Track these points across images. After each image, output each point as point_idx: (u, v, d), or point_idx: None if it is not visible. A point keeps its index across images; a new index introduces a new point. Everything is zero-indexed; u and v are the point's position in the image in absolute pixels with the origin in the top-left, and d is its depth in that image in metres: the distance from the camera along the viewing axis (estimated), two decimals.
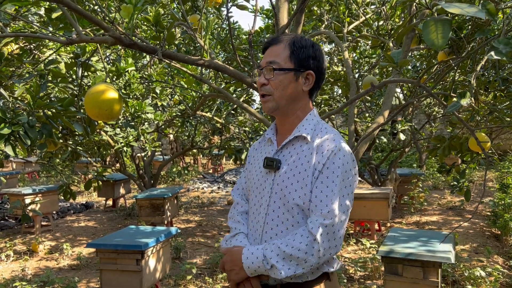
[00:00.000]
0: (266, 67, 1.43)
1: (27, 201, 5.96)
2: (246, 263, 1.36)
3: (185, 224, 6.83)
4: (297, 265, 1.32)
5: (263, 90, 1.44)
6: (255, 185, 1.52)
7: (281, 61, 1.42)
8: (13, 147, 2.24)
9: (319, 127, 1.46)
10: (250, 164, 1.62)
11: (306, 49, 1.43)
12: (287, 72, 1.42)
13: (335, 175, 1.35)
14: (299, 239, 1.32)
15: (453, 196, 8.23)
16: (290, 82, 1.42)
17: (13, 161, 12.72)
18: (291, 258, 1.31)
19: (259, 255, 1.34)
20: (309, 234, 1.31)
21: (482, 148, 1.83)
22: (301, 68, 1.43)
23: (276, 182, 1.43)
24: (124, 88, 5.14)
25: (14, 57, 3.03)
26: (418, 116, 13.79)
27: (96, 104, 2.07)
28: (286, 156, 1.45)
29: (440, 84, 4.98)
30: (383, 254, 3.02)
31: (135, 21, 2.02)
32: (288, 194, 1.39)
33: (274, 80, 1.42)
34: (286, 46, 1.44)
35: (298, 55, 1.42)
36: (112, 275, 3.42)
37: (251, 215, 1.53)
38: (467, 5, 1.38)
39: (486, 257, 4.54)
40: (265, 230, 1.43)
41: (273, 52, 1.45)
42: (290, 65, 1.42)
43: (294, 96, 1.45)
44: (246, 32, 6.60)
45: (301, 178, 1.38)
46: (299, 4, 2.63)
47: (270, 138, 1.53)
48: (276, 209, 1.42)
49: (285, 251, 1.31)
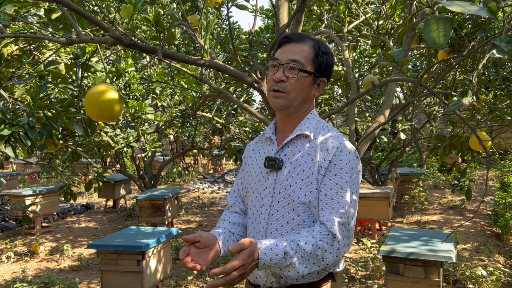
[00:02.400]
0: (289, 64, 1.38)
1: (27, 202, 5.96)
2: (263, 259, 1.22)
3: (186, 224, 6.82)
4: (314, 264, 1.27)
5: (279, 86, 1.39)
6: (255, 186, 1.49)
7: (306, 62, 1.39)
8: (14, 148, 2.23)
9: (321, 126, 1.45)
10: (247, 165, 1.58)
11: (327, 56, 1.43)
12: (308, 75, 1.40)
13: (343, 172, 1.33)
14: (319, 236, 1.27)
15: (454, 195, 8.22)
16: (308, 85, 1.41)
17: (13, 162, 12.72)
18: (310, 257, 1.26)
19: (279, 252, 1.23)
20: (329, 231, 1.28)
21: (483, 146, 1.82)
22: (318, 73, 1.41)
23: (279, 181, 1.40)
24: (124, 89, 5.13)
25: (14, 58, 3.02)
26: (418, 115, 13.79)
27: (97, 104, 2.06)
28: (288, 155, 1.43)
29: (440, 83, 4.98)
30: (384, 254, 3.01)
31: (134, 21, 2.01)
32: (292, 193, 1.37)
33: (295, 80, 1.38)
34: (311, 47, 1.41)
35: (321, 61, 1.41)
36: (113, 276, 3.41)
37: (251, 217, 1.50)
38: (468, 4, 1.37)
39: (487, 256, 4.54)
40: (270, 231, 1.41)
41: (297, 49, 1.40)
42: (311, 68, 1.40)
43: (307, 99, 1.44)
44: (246, 32, 6.59)
45: (306, 176, 1.36)
46: (299, 4, 2.63)
47: (269, 137, 1.50)
48: (280, 209, 1.39)
49: (306, 249, 1.25)
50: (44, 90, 2.55)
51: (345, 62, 4.28)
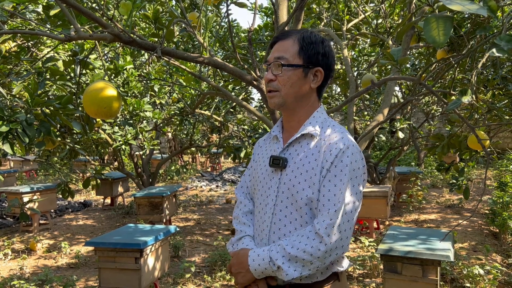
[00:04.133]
0: (274, 62, 1.39)
1: (25, 200, 5.94)
2: (252, 265, 1.34)
3: (184, 222, 6.82)
4: (303, 267, 1.29)
5: (270, 86, 1.41)
6: (260, 184, 1.48)
7: (290, 56, 1.38)
8: (11, 145, 2.22)
9: (327, 124, 1.43)
10: (255, 162, 1.58)
11: (316, 45, 1.39)
12: (295, 68, 1.38)
13: (343, 174, 1.32)
14: (305, 241, 1.29)
15: (452, 194, 8.24)
16: (299, 78, 1.39)
17: (11, 160, 12.70)
18: (296, 260, 1.28)
19: (265, 257, 1.32)
20: (316, 235, 1.28)
21: (482, 145, 1.83)
22: (310, 64, 1.39)
23: (282, 181, 1.40)
24: (123, 86, 5.12)
25: (12, 54, 3.01)
26: (416, 114, 13.81)
27: (95, 101, 2.05)
28: (293, 154, 1.41)
29: (439, 82, 4.98)
30: (382, 252, 3.01)
31: (133, 18, 2.01)
32: (296, 194, 1.36)
33: (282, 76, 1.38)
34: (295, 41, 1.39)
35: (307, 51, 1.38)
36: (110, 273, 3.41)
37: (256, 215, 1.50)
38: (468, 2, 1.37)
39: (485, 255, 4.55)
40: (273, 230, 1.40)
41: (281, 47, 1.40)
42: (298, 61, 1.38)
43: (302, 93, 1.41)
44: (245, 30, 6.59)
45: (309, 176, 1.35)
46: (299, 2, 2.62)
47: (276, 135, 1.49)
48: (284, 209, 1.39)
49: (290, 252, 1.28)
50: (42, 87, 2.53)
51: (344, 60, 4.28)
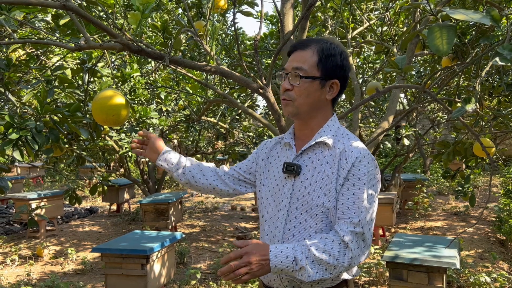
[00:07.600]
0: (292, 72, 1.40)
1: (32, 206, 5.99)
2: (274, 261, 1.28)
3: (189, 229, 6.84)
4: (326, 270, 1.29)
5: (286, 95, 1.42)
6: (273, 190, 1.49)
7: (308, 68, 1.39)
8: (21, 152, 2.26)
9: (340, 133, 1.44)
10: (261, 160, 1.60)
11: (334, 58, 1.40)
12: (313, 80, 1.39)
13: (361, 182, 1.33)
14: (331, 244, 1.29)
15: (458, 201, 8.20)
16: (315, 90, 1.40)
17: (18, 166, 12.78)
18: (321, 262, 1.28)
19: (289, 255, 1.28)
20: (341, 240, 1.29)
21: (487, 153, 1.84)
22: (327, 77, 1.40)
23: (297, 188, 1.41)
24: (130, 94, 5.17)
25: (21, 63, 3.06)
26: (422, 121, 13.77)
27: (104, 109, 2.09)
28: (307, 161, 1.43)
29: (444, 90, 4.99)
30: (388, 260, 3.01)
31: (141, 27, 2.04)
32: (311, 201, 1.37)
33: (299, 87, 1.39)
34: (314, 52, 1.40)
35: (326, 64, 1.39)
36: (117, 279, 3.43)
37: (267, 220, 1.50)
38: (471, 11, 1.39)
39: (491, 263, 4.52)
40: (287, 236, 1.41)
41: (300, 57, 1.41)
42: (316, 73, 1.39)
43: (317, 103, 1.43)
44: (250, 38, 6.64)
45: (324, 184, 1.36)
46: (304, 11, 2.65)
47: (289, 142, 1.50)
48: (298, 216, 1.40)
49: (316, 254, 1.28)
50: (51, 94, 2.57)
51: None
